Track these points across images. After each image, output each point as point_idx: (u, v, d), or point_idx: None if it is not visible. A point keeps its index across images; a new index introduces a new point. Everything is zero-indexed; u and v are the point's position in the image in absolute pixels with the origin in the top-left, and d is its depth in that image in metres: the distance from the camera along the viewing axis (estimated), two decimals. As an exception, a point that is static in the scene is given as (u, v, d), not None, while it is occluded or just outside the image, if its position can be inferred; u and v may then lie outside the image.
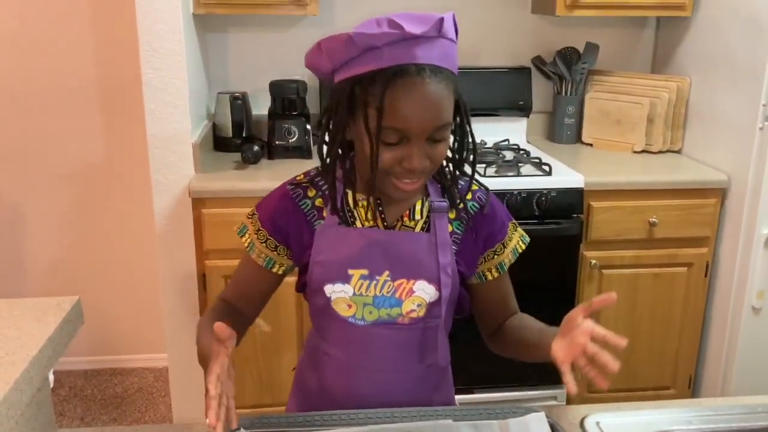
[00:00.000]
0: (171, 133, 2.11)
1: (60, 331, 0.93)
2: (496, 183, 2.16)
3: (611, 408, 1.04)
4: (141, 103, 2.09)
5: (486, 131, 2.59)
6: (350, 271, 1.08)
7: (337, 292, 1.08)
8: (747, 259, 2.19)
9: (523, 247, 1.18)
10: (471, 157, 1.10)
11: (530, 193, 2.15)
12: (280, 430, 0.95)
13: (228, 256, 2.10)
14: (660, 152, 2.51)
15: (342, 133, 1.03)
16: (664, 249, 2.28)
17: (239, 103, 2.42)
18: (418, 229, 1.10)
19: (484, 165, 2.25)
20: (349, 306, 1.09)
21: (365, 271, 1.08)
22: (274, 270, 1.14)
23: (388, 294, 1.08)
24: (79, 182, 2.67)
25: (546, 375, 2.23)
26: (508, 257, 1.17)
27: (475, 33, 2.65)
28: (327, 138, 1.06)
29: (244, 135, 2.44)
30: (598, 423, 0.98)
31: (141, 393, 2.73)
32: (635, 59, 2.73)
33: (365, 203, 1.09)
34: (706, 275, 2.32)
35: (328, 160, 1.07)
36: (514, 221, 1.19)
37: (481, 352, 2.07)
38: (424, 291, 1.09)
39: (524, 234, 1.19)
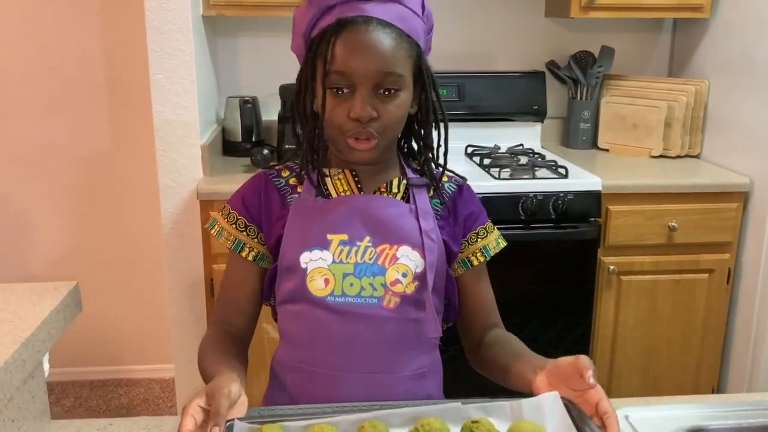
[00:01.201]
0: (179, 134, 2.07)
1: (56, 315, 0.88)
2: (511, 186, 2.11)
3: (641, 402, 0.97)
4: (149, 104, 2.06)
5: (500, 136, 2.55)
6: (329, 236, 1.02)
7: (314, 260, 1.02)
8: (771, 265, 2.12)
9: (503, 244, 1.16)
10: (444, 137, 1.10)
11: (546, 196, 2.10)
12: (283, 419, 0.88)
13: (236, 259, 2.06)
14: (678, 157, 2.45)
15: (305, 95, 1.04)
16: (685, 254, 2.21)
17: (249, 107, 2.39)
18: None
19: (498, 168, 2.19)
20: (327, 281, 1.02)
21: (345, 236, 1.03)
22: (244, 254, 1.08)
23: (370, 261, 1.02)
24: (85, 185, 2.64)
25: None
26: (491, 243, 1.14)
27: (489, 37, 2.61)
28: (294, 109, 1.07)
29: (253, 139, 2.41)
30: (627, 417, 0.92)
31: (147, 404, 2.67)
32: (652, 63, 2.69)
33: (341, 176, 1.08)
34: (728, 282, 2.25)
35: (297, 129, 1.08)
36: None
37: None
38: (408, 258, 1.03)
39: (501, 235, 1.17)
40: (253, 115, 2.41)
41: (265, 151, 2.23)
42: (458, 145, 2.47)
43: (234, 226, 1.09)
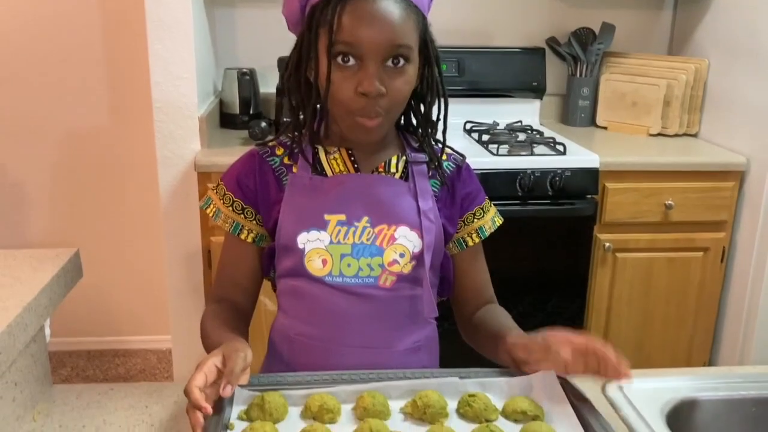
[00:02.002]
0: (177, 106, 2.07)
1: (57, 281, 0.89)
2: (508, 162, 2.11)
3: (635, 374, 0.98)
4: (147, 75, 2.04)
5: (499, 112, 2.55)
6: (327, 217, 1.01)
7: (311, 241, 1.01)
8: (765, 243, 2.14)
9: (499, 222, 1.16)
10: (443, 112, 1.07)
11: (544, 173, 2.10)
12: (283, 387, 0.90)
13: (234, 232, 2.07)
14: (676, 135, 2.46)
15: (306, 65, 1.00)
16: (680, 233, 2.23)
17: (247, 79, 2.37)
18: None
19: (496, 144, 2.20)
20: (325, 262, 1.01)
21: (342, 217, 1.01)
22: (243, 236, 1.06)
23: (368, 241, 1.02)
24: (84, 158, 2.64)
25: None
26: (487, 224, 1.13)
27: (490, 13, 2.60)
28: (291, 80, 1.03)
29: (251, 112, 2.40)
30: (621, 388, 0.93)
31: (143, 374, 2.69)
32: (652, 40, 2.67)
33: (337, 155, 1.05)
34: (722, 260, 2.27)
35: (293, 101, 1.04)
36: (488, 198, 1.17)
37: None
38: (406, 238, 1.03)
39: (497, 212, 1.17)
40: (251, 87, 2.39)
41: (263, 124, 2.22)
42: (457, 121, 2.47)
43: (231, 208, 1.06)
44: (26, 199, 2.67)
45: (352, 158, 1.06)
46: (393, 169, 1.07)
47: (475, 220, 1.12)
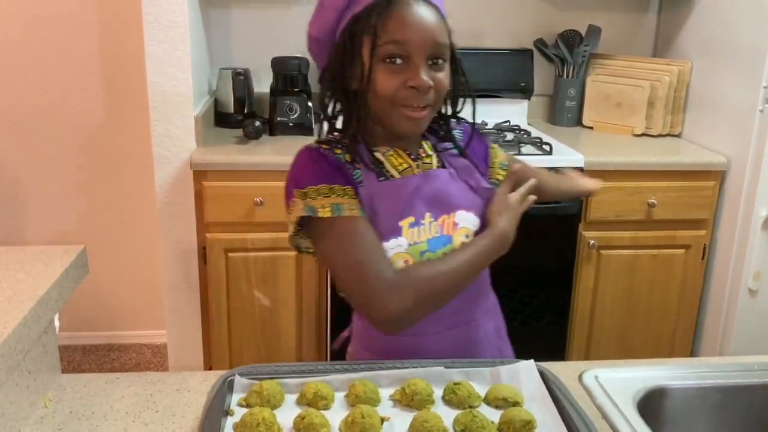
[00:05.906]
0: (173, 105, 2.11)
1: (66, 276, 0.94)
2: (496, 161, 2.17)
3: (609, 364, 1.05)
4: (144, 75, 2.09)
5: (487, 112, 2.60)
6: (400, 224, 1.07)
7: (392, 248, 1.06)
8: (744, 241, 2.21)
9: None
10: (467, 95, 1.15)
11: (530, 172, 2.16)
12: (277, 376, 0.96)
13: (228, 229, 2.12)
14: (660, 136, 2.52)
15: (348, 77, 1.06)
16: (663, 230, 2.30)
17: (241, 79, 2.42)
18: (434, 165, 1.13)
19: (484, 144, 2.25)
20: (407, 262, 1.07)
21: (411, 219, 1.08)
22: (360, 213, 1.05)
23: (437, 234, 1.09)
24: (80, 156, 2.67)
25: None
26: (502, 156, 1.24)
27: (478, 14, 2.65)
28: (331, 92, 1.09)
29: (245, 111, 2.45)
30: (596, 377, 0.99)
31: (138, 368, 2.74)
32: (637, 43, 2.74)
33: (392, 153, 1.11)
34: (703, 257, 2.34)
35: (339, 112, 1.10)
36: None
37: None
38: (465, 220, 1.11)
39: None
40: (245, 87, 2.44)
41: (257, 123, 2.27)
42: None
43: (346, 196, 1.04)
44: (23, 196, 2.71)
45: (407, 151, 1.12)
46: (432, 160, 1.14)
47: (495, 159, 1.22)
